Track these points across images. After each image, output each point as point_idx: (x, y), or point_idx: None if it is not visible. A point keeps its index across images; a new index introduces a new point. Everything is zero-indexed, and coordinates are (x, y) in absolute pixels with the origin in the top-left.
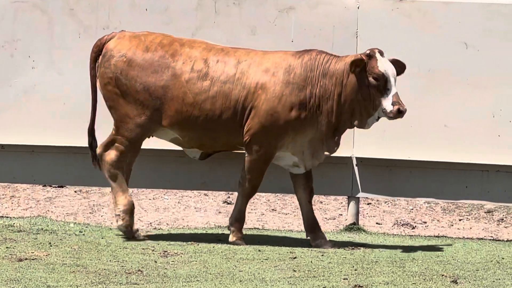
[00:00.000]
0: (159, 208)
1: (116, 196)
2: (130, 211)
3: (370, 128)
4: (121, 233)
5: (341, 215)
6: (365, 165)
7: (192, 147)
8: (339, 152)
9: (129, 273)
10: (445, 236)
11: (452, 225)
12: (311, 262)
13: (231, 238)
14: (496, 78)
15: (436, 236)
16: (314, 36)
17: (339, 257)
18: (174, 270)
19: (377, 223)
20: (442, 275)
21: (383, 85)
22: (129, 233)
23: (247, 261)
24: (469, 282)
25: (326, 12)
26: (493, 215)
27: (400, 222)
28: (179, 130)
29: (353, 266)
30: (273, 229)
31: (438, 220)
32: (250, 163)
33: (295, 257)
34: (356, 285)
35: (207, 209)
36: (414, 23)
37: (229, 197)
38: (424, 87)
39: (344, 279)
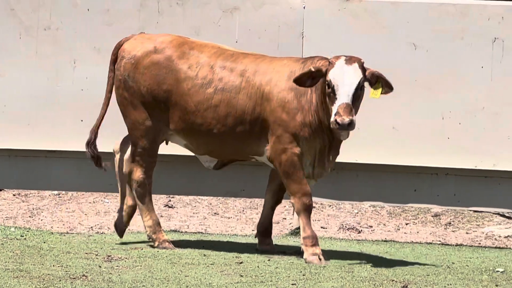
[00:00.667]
0: (99, 211)
1: (142, 216)
2: (156, 229)
3: (346, 138)
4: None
5: (285, 219)
6: None
7: (203, 153)
8: None
9: (73, 278)
10: (393, 241)
11: (399, 229)
12: (258, 267)
13: (305, 254)
14: (446, 79)
15: (384, 241)
16: (259, 37)
17: (286, 262)
18: (119, 275)
19: (322, 227)
20: (392, 280)
21: (332, 93)
22: (170, 246)
23: (192, 266)
24: (420, 287)
25: (271, 12)
26: (440, 219)
27: (346, 226)
28: (185, 136)
29: (301, 271)
30: (217, 233)
31: (384, 224)
32: (283, 177)
33: (241, 262)
34: None
35: None
36: (361, 24)
37: (170, 200)
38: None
39: (292, 284)
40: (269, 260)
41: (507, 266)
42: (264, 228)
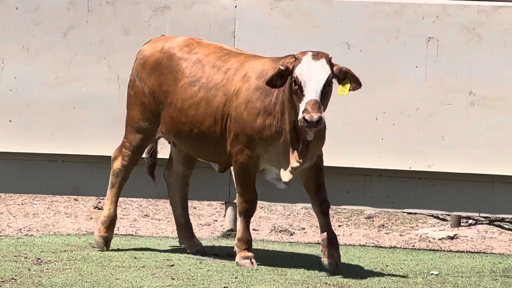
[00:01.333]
0: (28, 213)
1: (105, 204)
2: (108, 223)
3: (311, 138)
4: None
5: (216, 221)
6: None
7: (195, 156)
8: None
9: (2, 281)
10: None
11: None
12: (190, 269)
13: (237, 258)
14: (379, 79)
15: (317, 243)
16: (189, 36)
17: (218, 265)
18: (49, 278)
19: (253, 230)
20: (326, 283)
21: (300, 90)
22: (100, 246)
23: (123, 269)
24: None
25: (202, 11)
26: (373, 221)
27: (278, 228)
28: (174, 137)
29: (233, 274)
30: (147, 236)
31: (317, 226)
32: (235, 176)
33: (172, 265)
34: None
35: (78, 214)
36: (294, 23)
37: (99, 202)
38: None
39: (224, 287)
40: (200, 262)
41: (442, 269)
42: (324, 237)
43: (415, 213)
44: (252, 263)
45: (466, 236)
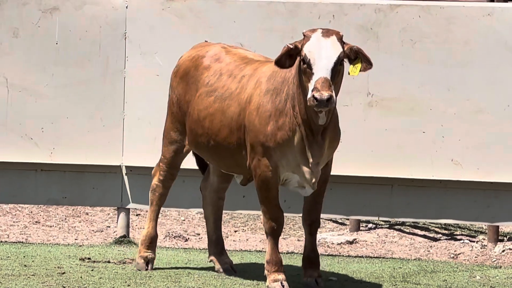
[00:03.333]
0: None
1: (146, 222)
2: (148, 242)
3: (324, 123)
4: None
5: (109, 227)
6: (136, 174)
7: (217, 167)
8: (108, 161)
9: None
10: (236, 250)
11: (228, 237)
12: (81, 277)
13: (268, 281)
14: None
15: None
16: (80, 38)
17: (110, 272)
18: None
19: None
20: None
21: (309, 68)
22: (141, 266)
23: (13, 277)
24: None
25: (92, 12)
26: None
27: (172, 234)
28: (195, 149)
29: (126, 282)
30: (38, 243)
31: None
32: (257, 193)
33: (63, 272)
34: None
35: None
36: (186, 23)
37: None
38: None
39: None
40: (92, 270)
41: (340, 274)
42: (309, 259)
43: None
44: (283, 286)
45: (365, 241)
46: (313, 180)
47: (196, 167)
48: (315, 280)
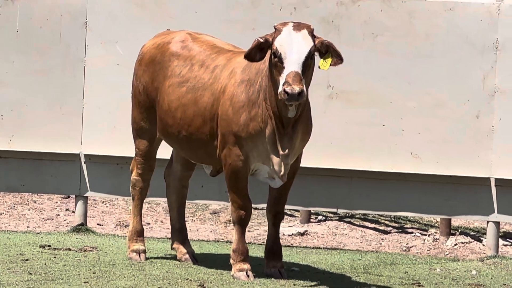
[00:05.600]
0: None
1: (130, 218)
2: (136, 236)
3: (293, 116)
4: None
5: (58, 215)
6: (94, 163)
7: (186, 157)
8: (67, 149)
9: None
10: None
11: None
12: (45, 264)
13: (233, 270)
14: None
15: (167, 238)
16: (40, 26)
17: (73, 259)
18: None
19: (98, 224)
20: (187, 279)
21: (279, 62)
22: (135, 258)
23: None
24: (217, 285)
25: (53, 1)
26: (219, 216)
27: (123, 223)
28: (166, 139)
29: (91, 269)
30: None
31: (162, 221)
32: (226, 182)
33: (27, 259)
34: None
35: None
36: (148, 13)
37: None
38: None
39: (85, 282)
40: (55, 257)
41: (301, 265)
42: (271, 250)
43: (262, 209)
44: (248, 276)
45: (316, 233)
46: (282, 172)
47: None
48: (278, 271)
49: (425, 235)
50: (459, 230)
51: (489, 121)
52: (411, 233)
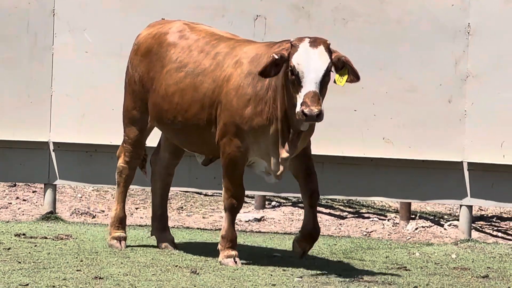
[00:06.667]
0: None
1: (114, 204)
2: (117, 223)
3: (306, 129)
4: None
5: (10, 203)
6: (63, 151)
7: (179, 145)
8: (35, 137)
9: None
10: (139, 225)
11: (132, 214)
12: (30, 253)
13: (220, 256)
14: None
15: (140, 225)
16: (8, 14)
17: (55, 248)
18: None
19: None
20: (176, 266)
21: (297, 81)
22: (116, 246)
23: None
24: (208, 272)
25: None
26: (171, 203)
27: (78, 211)
28: (159, 126)
29: (76, 257)
30: None
31: (109, 208)
32: (222, 169)
33: (9, 248)
34: (96, 277)
35: None
36: (116, 1)
37: None
38: None
39: (77, 270)
40: (35, 246)
41: (281, 250)
42: (306, 231)
43: (212, 195)
44: (235, 262)
45: (273, 218)
46: (279, 172)
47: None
48: (302, 252)
49: (384, 219)
50: (418, 214)
51: (461, 106)
52: (368, 218)
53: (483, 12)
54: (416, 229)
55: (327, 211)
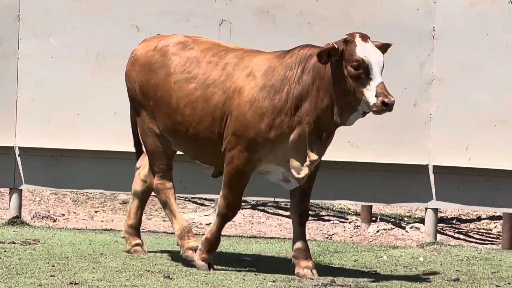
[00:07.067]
0: None
1: (172, 222)
2: (183, 235)
3: (352, 125)
4: None
5: None
6: (29, 155)
7: (191, 158)
8: (1, 142)
9: None
10: (112, 230)
11: (93, 218)
12: (1, 258)
13: (196, 256)
14: None
15: (106, 230)
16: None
17: (24, 253)
18: None
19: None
20: (149, 271)
21: (364, 74)
22: (192, 255)
23: None
24: (181, 276)
25: None
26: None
27: (39, 215)
28: (171, 137)
29: (48, 262)
30: None
31: (74, 212)
32: (224, 177)
33: None
34: (71, 282)
35: None
36: (82, 5)
37: None
38: (92, 73)
39: (51, 276)
40: (5, 251)
41: (249, 255)
42: (298, 247)
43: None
44: (209, 268)
45: (234, 221)
46: (301, 176)
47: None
48: (311, 271)
49: (345, 222)
50: (378, 217)
51: (426, 109)
52: (328, 220)
53: (448, 16)
54: (378, 231)
55: (287, 213)
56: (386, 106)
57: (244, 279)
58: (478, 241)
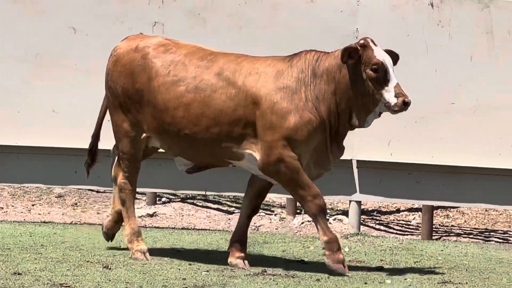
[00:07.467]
0: None
1: (124, 222)
2: (132, 238)
3: (370, 126)
4: None
5: None
6: None
7: (175, 155)
8: None
9: None
10: (51, 222)
11: (30, 211)
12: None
13: (331, 262)
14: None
15: (45, 222)
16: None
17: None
18: None
19: None
20: (88, 261)
21: (383, 76)
22: (141, 257)
23: None
24: (119, 267)
25: None
26: (65, 199)
27: None
28: (157, 137)
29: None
30: None
31: (12, 206)
32: (286, 186)
33: None
34: (15, 273)
35: None
36: (20, 8)
37: None
38: (31, 72)
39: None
40: None
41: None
42: (238, 238)
43: (104, 191)
44: (344, 267)
45: (164, 214)
46: (318, 175)
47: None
48: (243, 261)
49: (271, 214)
50: (302, 210)
51: None
52: None
53: (370, 17)
54: (303, 223)
55: (215, 206)
56: (406, 105)
57: (179, 269)
58: (398, 232)
